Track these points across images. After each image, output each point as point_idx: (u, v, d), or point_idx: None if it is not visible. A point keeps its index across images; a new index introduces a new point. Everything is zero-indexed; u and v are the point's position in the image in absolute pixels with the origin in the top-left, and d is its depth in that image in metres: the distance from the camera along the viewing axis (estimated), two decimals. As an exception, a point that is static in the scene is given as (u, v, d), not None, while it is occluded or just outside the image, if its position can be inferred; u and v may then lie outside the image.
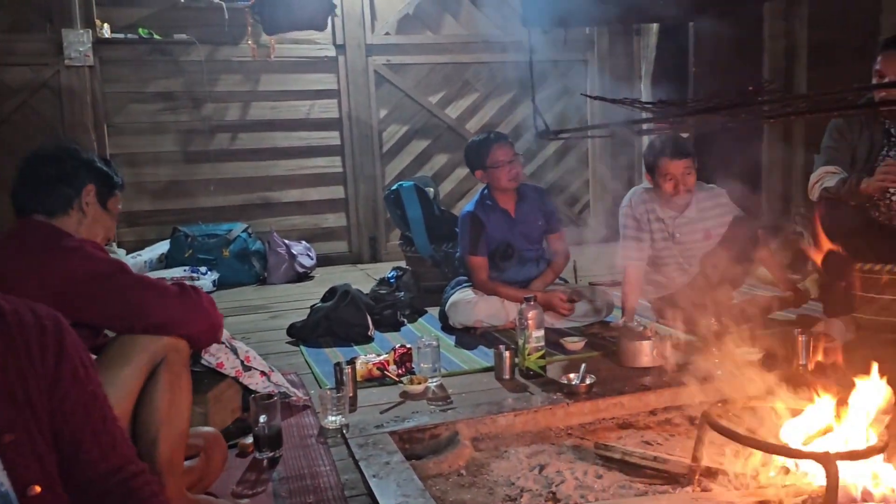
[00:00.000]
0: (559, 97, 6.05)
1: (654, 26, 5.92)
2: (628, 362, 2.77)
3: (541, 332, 2.71)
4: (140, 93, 5.35)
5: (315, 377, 2.86)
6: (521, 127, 6.00)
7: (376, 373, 2.73)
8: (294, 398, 2.48)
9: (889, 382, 2.38)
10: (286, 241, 5.25)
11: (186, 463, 1.73)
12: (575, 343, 3.03)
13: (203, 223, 5.27)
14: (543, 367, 2.72)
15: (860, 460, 1.54)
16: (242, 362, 2.35)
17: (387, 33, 5.74)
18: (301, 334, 3.42)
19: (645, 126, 3.57)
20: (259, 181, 5.65)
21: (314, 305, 3.58)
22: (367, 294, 3.84)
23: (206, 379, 2.23)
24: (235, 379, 2.33)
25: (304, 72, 5.62)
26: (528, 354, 2.70)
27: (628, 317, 3.20)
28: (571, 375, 2.55)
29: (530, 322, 2.69)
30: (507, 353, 2.71)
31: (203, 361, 2.25)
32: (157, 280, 1.74)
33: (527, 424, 2.35)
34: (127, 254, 4.96)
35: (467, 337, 3.33)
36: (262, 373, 2.39)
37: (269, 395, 2.16)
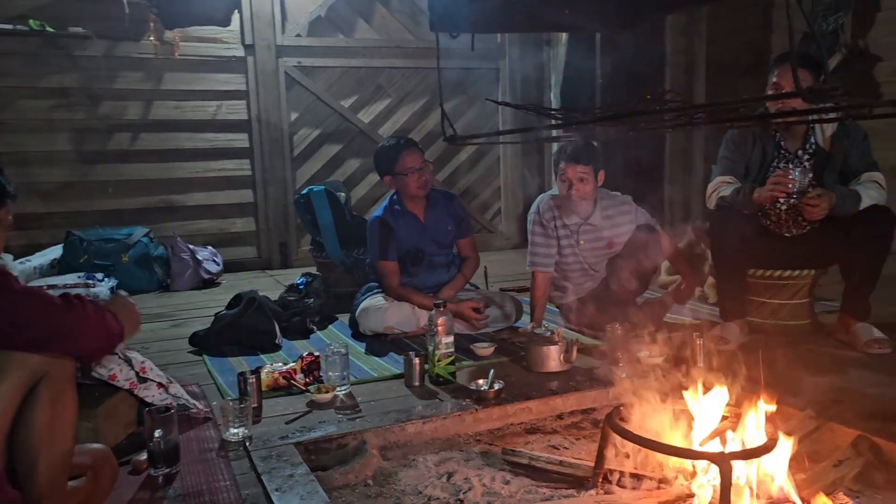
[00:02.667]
0: (471, 104, 6.10)
1: (564, 37, 6.06)
2: (536, 367, 2.80)
3: (450, 339, 2.71)
4: (31, 88, 5.03)
5: (218, 388, 2.75)
6: (433, 133, 6.01)
7: (282, 382, 2.65)
8: (194, 410, 2.37)
9: (780, 382, 2.50)
10: (191, 247, 5.05)
11: (72, 483, 1.62)
12: (485, 349, 3.04)
13: (100, 227, 5.00)
14: (453, 374, 2.72)
15: (753, 459, 1.61)
16: (137, 374, 2.23)
17: (298, 35, 5.63)
18: (204, 343, 3.28)
19: (554, 133, 3.65)
20: (162, 183, 5.42)
21: (219, 313, 3.45)
22: (275, 301, 3.73)
23: (96, 392, 2.11)
24: (130, 392, 2.21)
25: (211, 71, 5.44)
26: (438, 361, 2.69)
27: (537, 322, 3.24)
28: (480, 381, 2.55)
29: (440, 328, 2.68)
30: (416, 360, 2.69)
31: (94, 374, 2.12)
32: (41, 290, 1.62)
33: (436, 431, 2.34)
34: (15, 259, 4.65)
35: (378, 344, 3.29)
36: (160, 384, 2.28)
37: (167, 408, 2.05)
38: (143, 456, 2.01)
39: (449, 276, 3.56)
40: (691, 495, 1.71)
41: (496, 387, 2.50)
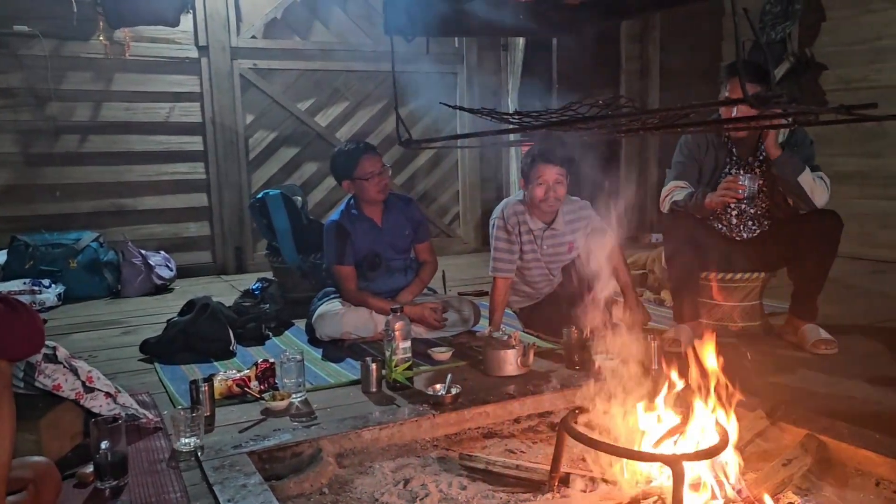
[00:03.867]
0: (429, 109, 6.09)
1: (521, 42, 6.11)
2: (494, 371, 2.80)
3: (408, 344, 2.69)
4: (-26, 88, 4.87)
5: (169, 396, 2.69)
6: (392, 137, 5.98)
7: (236, 390, 2.60)
8: (144, 420, 2.31)
9: (732, 383, 2.54)
10: (142, 252, 4.94)
11: (11, 499, 1.56)
12: (442, 353, 3.03)
13: (46, 231, 4.85)
14: (410, 379, 2.70)
15: (705, 460, 1.63)
16: (84, 383, 2.17)
17: (253, 37, 5.55)
18: (156, 351, 3.21)
19: (513, 137, 3.66)
20: (112, 187, 5.29)
21: (171, 319, 3.38)
22: (229, 306, 3.67)
23: (40, 403, 2.04)
24: (76, 402, 2.14)
25: (164, 72, 5.33)
26: (396, 366, 2.67)
27: (495, 326, 3.24)
28: (438, 386, 2.54)
29: (397, 333, 2.67)
30: (373, 366, 2.67)
31: (37, 384, 2.05)
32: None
33: (392, 438, 2.32)
34: (-44, 265, 4.49)
35: (334, 349, 3.25)
36: (107, 394, 2.21)
37: (114, 418, 2.00)
38: (90, 468, 1.95)
39: (406, 280, 3.55)
40: (646, 497, 1.73)
41: (453, 391, 2.50)
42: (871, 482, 1.97)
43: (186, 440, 2.13)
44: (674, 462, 1.51)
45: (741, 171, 3.14)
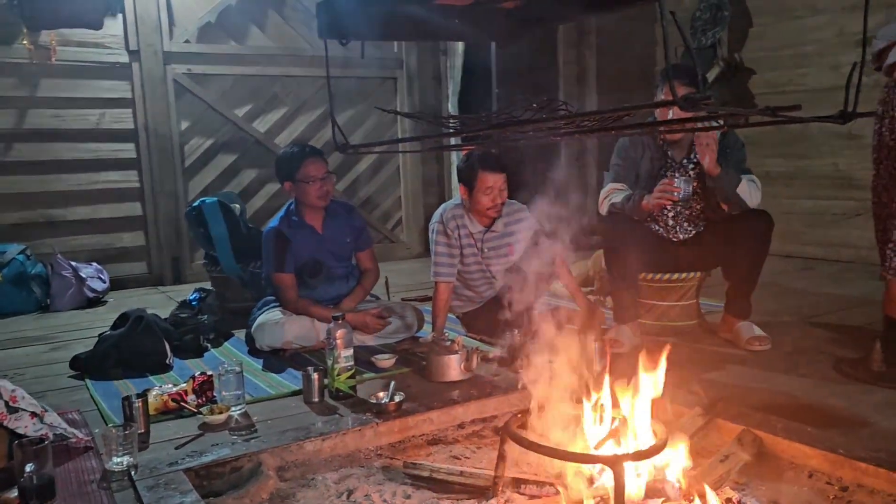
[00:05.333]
0: (370, 114, 6.05)
1: (460, 47, 6.13)
2: (437, 377, 2.78)
3: (350, 352, 2.66)
4: None
5: (102, 414, 2.58)
6: (332, 142, 5.91)
7: (172, 405, 2.51)
8: (73, 440, 2.21)
9: (669, 381, 2.59)
10: (73, 264, 4.75)
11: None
12: (385, 360, 3.00)
13: (-31, 245, 4.63)
14: (353, 387, 2.67)
15: (645, 459, 1.65)
16: (7, 403, 2.06)
17: (187, 41, 5.42)
18: (87, 366, 3.08)
19: (454, 141, 3.66)
20: (39, 197, 5.07)
21: (103, 334, 3.25)
22: (165, 318, 3.56)
23: (-42, 426, 1.93)
24: (-2, 423, 2.03)
25: (93, 78, 5.15)
26: (338, 375, 2.63)
27: (438, 332, 3.23)
28: (381, 394, 2.51)
29: (339, 342, 2.63)
30: (315, 375, 2.62)
31: (-45, 406, 1.94)
32: None
33: (335, 448, 2.28)
34: None
35: (275, 360, 3.19)
36: (33, 414, 2.11)
37: (40, 439, 1.91)
38: (14, 493, 1.85)
39: (348, 287, 3.50)
40: (589, 498, 1.74)
41: (397, 399, 2.47)
42: (805, 474, 2.03)
43: (119, 459, 2.05)
44: (614, 463, 1.52)
45: (676, 174, 3.21)
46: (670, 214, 3.29)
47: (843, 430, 2.19)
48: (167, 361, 3.14)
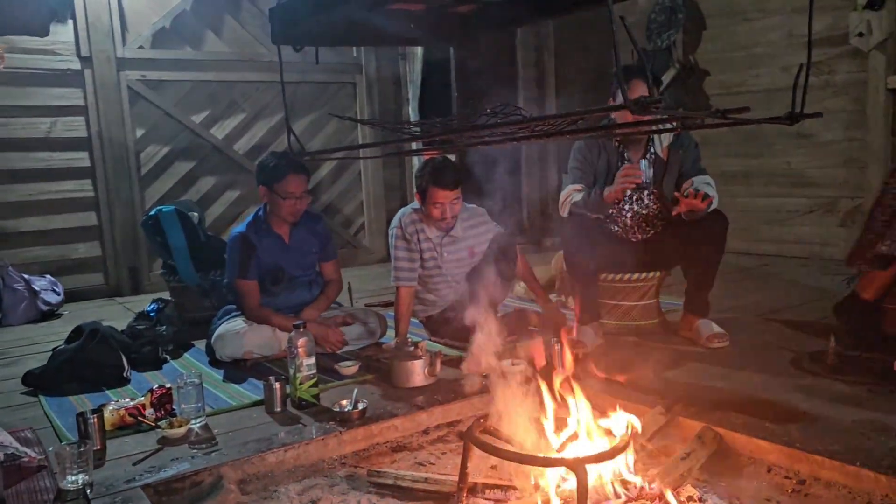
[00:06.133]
0: (329, 119, 6.01)
1: (419, 52, 6.13)
2: (401, 383, 2.77)
3: (312, 360, 2.62)
4: None
5: (56, 431, 2.51)
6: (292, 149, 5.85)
7: (129, 419, 2.45)
8: (25, 459, 2.14)
9: (632, 381, 2.62)
10: (25, 276, 4.63)
11: None
12: (349, 368, 2.97)
13: (-85, 259, 4.48)
14: (316, 396, 2.64)
15: (607, 461, 1.65)
16: (-46, 424, 1.99)
17: (140, 47, 5.31)
18: (40, 382, 2.99)
19: (414, 146, 3.65)
20: (-11, 208, 4.94)
21: (57, 348, 3.17)
22: (122, 331, 3.49)
23: None
24: (-55, 445, 1.96)
25: (43, 85, 5.01)
26: (300, 384, 2.60)
27: (401, 337, 3.21)
28: (344, 402, 2.49)
29: (300, 350, 2.59)
30: (277, 385, 2.59)
31: None
32: None
33: (298, 459, 2.25)
34: None
35: (236, 370, 3.14)
36: (-18, 434, 2.04)
37: (-10, 460, 1.85)
38: (-38, 517, 1.79)
39: (311, 295, 3.47)
40: (553, 501, 1.74)
41: (360, 406, 2.45)
42: (764, 469, 2.06)
43: (73, 477, 1.99)
44: (576, 465, 1.52)
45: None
46: (628, 215, 3.33)
47: (801, 425, 2.23)
48: (124, 375, 3.07)
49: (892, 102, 4.77)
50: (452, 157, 3.60)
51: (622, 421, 1.74)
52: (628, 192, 3.28)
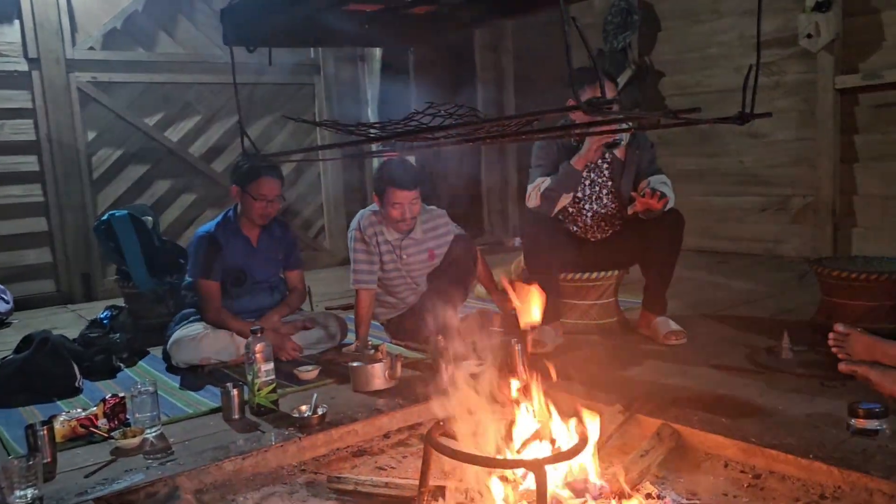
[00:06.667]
0: (287, 121, 5.93)
1: (378, 53, 6.10)
2: (362, 387, 2.74)
3: (270, 366, 2.59)
4: None
5: (4, 445, 2.43)
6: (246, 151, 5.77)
7: (81, 431, 2.39)
8: (-30, 475, 2.06)
9: (592, 380, 2.63)
10: (-28, 284, 4.48)
11: None
12: (308, 372, 2.94)
13: None
14: (275, 402, 2.60)
15: (566, 461, 1.66)
16: None
17: (91, 48, 5.18)
18: (-12, 394, 2.90)
19: (374, 148, 3.63)
20: (-68, 215, 4.76)
21: (4, 358, 3.07)
22: (74, 339, 3.39)
23: None
24: None
25: (-11, 88, 4.87)
26: (259, 390, 2.56)
27: (361, 340, 3.19)
28: (303, 407, 2.46)
29: (259, 356, 2.56)
30: (234, 391, 2.54)
31: None
32: None
33: (257, 466, 2.21)
34: None
35: (193, 377, 3.07)
36: (-77, 450, 1.96)
37: (-69, 478, 1.77)
38: None
39: (272, 300, 3.42)
40: (514, 502, 1.74)
41: (320, 412, 2.42)
42: (721, 464, 2.10)
43: (22, 492, 1.92)
44: (536, 466, 1.52)
45: (592, 175, 3.29)
46: (588, 215, 3.36)
47: (756, 419, 2.27)
48: (76, 385, 2.99)
49: (839, 102, 4.90)
50: (412, 159, 3.58)
51: (582, 421, 1.75)
52: (587, 192, 3.31)
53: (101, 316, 3.72)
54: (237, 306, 3.31)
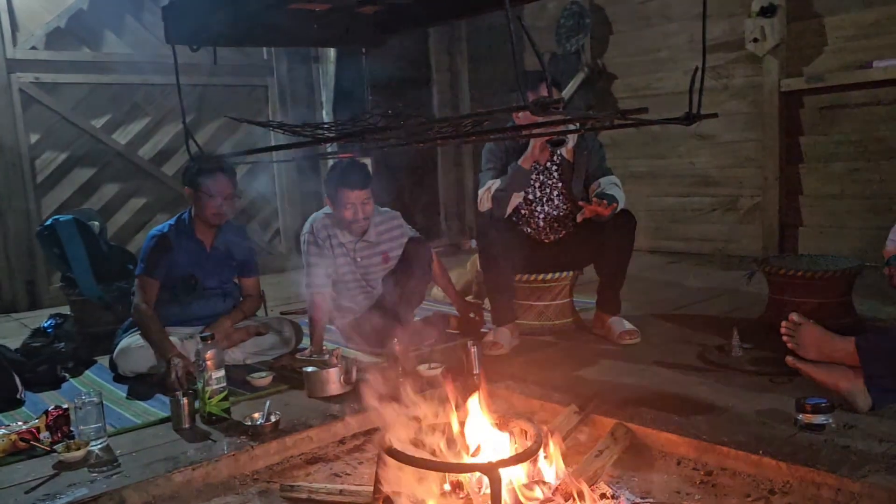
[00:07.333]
0: (240, 123, 5.83)
1: (332, 54, 6.04)
2: (316, 392, 2.71)
3: (221, 373, 2.53)
4: None
5: (-61, 462, 2.32)
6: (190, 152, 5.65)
7: (22, 444, 2.30)
8: None
9: (547, 380, 2.64)
10: None
11: None
12: (262, 379, 2.89)
13: None
14: (227, 410, 2.54)
15: (520, 463, 1.65)
16: None
17: (33, 47, 5.01)
18: (-78, 408, 2.77)
19: (328, 149, 3.59)
20: None
21: (-59, 370, 2.94)
22: (16, 349, 3.27)
23: None
24: None
25: (-76, 88, 4.67)
26: (209, 398, 2.50)
27: (316, 346, 3.14)
28: (256, 415, 2.41)
29: (209, 363, 2.50)
30: (184, 400, 2.48)
31: None
32: None
33: (208, 477, 2.16)
34: None
35: (142, 386, 2.98)
36: None
37: None
38: None
39: (225, 306, 3.34)
40: (469, 506, 1.73)
41: (273, 419, 2.38)
42: (674, 462, 2.12)
43: (-44, 511, 1.84)
44: (490, 469, 1.51)
45: (542, 176, 3.32)
46: (540, 217, 3.37)
47: (707, 417, 2.30)
48: (18, 396, 2.88)
49: (785, 104, 5.02)
50: (367, 161, 3.56)
51: (534, 423, 1.75)
52: (537, 194, 3.32)
53: (45, 325, 3.60)
54: (189, 313, 3.23)
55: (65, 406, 2.45)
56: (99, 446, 2.33)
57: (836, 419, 2.15)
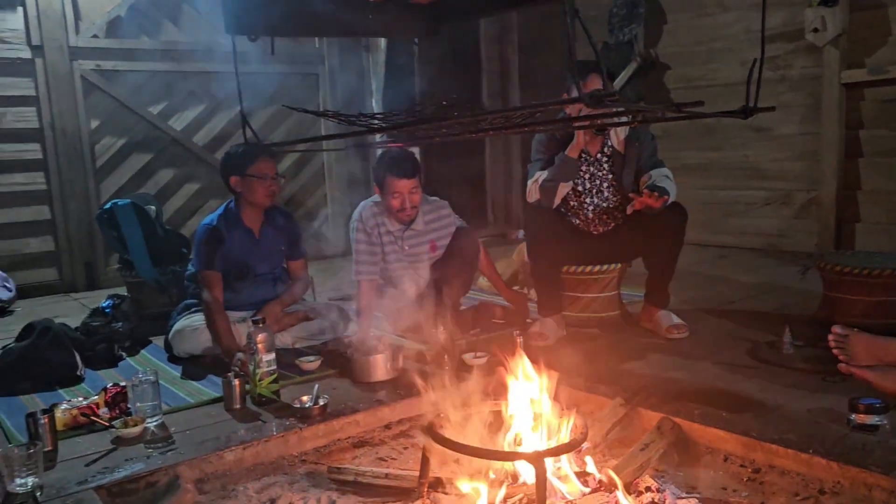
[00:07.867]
0: (292, 111, 5.91)
1: (383, 43, 6.07)
2: (363, 378, 2.75)
3: (272, 356, 2.59)
4: None
5: (6, 433, 2.44)
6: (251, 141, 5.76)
7: (82, 419, 2.39)
8: (-28, 462, 2.07)
9: (594, 372, 2.63)
10: (-25, 272, 4.48)
11: None
12: (310, 363, 2.94)
13: None
14: (277, 392, 2.60)
15: (565, 454, 1.66)
16: None
17: (94, 36, 5.17)
18: (-10, 382, 2.90)
19: (378, 139, 3.62)
20: (-64, 202, 4.76)
21: (7, 346, 3.08)
22: (76, 328, 3.40)
23: None
24: None
25: (-8, 75, 4.86)
26: (260, 380, 2.56)
27: (363, 332, 3.19)
28: (305, 398, 2.47)
29: (260, 346, 2.56)
30: (236, 381, 2.55)
31: None
32: None
33: (258, 456, 2.22)
34: None
35: (195, 367, 3.07)
36: (-75, 437, 1.97)
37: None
38: None
39: (275, 292, 3.40)
40: (513, 495, 1.74)
41: (321, 402, 2.43)
42: (720, 458, 2.09)
43: (22, 480, 1.93)
44: (535, 459, 1.52)
45: (592, 168, 3.29)
46: (590, 209, 3.35)
47: (756, 414, 2.27)
48: (78, 373, 3.00)
49: (845, 97, 4.87)
50: (416, 151, 3.58)
51: (580, 414, 1.75)
52: (587, 186, 3.30)
53: (104, 305, 3.73)
54: (240, 299, 3.30)
55: (123, 384, 2.54)
56: (154, 423, 2.41)
57: (890, 420, 2.10)
